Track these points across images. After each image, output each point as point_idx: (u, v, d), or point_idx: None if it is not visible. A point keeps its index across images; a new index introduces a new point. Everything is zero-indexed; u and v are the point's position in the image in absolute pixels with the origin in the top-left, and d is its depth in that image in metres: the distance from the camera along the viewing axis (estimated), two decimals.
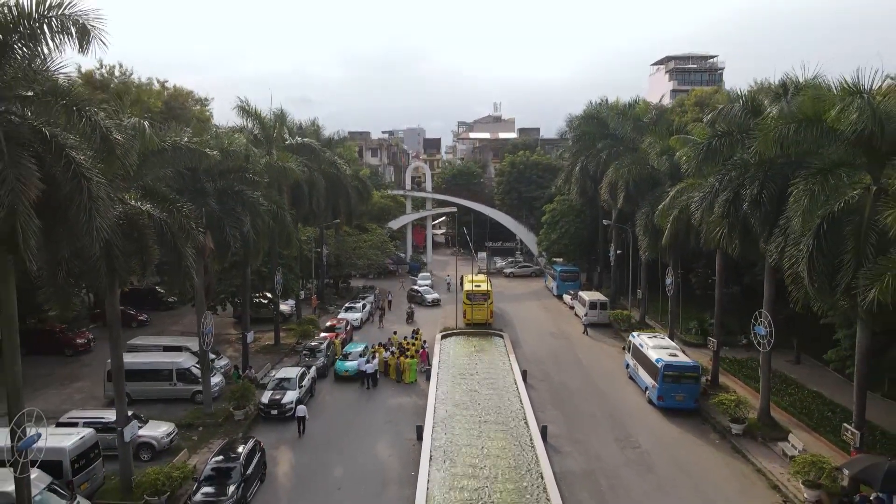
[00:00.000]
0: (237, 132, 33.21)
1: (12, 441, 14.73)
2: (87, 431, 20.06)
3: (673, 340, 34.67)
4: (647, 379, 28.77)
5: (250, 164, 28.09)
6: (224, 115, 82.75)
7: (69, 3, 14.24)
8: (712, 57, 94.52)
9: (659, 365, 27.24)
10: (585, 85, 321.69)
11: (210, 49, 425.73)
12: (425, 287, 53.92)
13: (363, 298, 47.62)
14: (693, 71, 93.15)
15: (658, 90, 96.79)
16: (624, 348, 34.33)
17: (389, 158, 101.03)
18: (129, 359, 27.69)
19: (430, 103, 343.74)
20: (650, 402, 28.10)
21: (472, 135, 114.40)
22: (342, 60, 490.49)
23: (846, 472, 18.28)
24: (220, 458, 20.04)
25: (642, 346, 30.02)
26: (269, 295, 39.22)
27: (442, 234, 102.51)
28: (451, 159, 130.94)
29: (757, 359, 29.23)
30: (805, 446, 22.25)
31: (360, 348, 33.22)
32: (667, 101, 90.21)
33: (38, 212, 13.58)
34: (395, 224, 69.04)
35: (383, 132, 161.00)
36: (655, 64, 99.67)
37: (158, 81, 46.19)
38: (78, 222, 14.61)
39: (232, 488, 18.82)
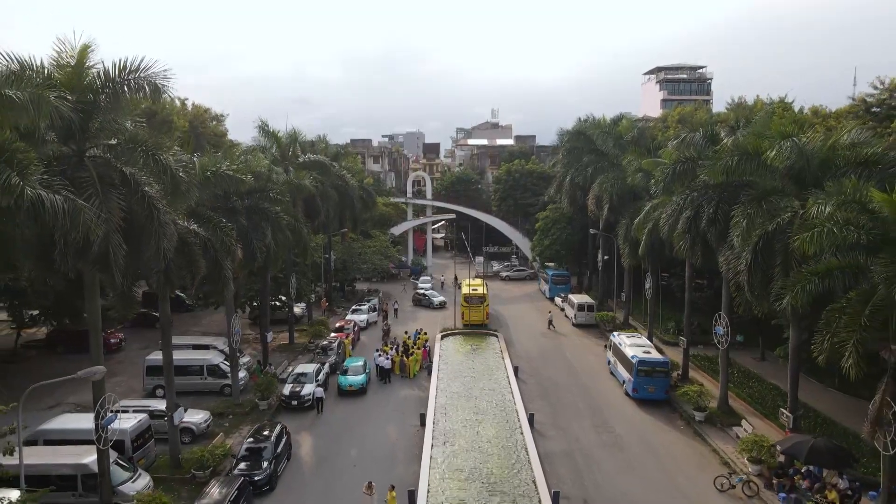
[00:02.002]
0: (256, 151, 36.75)
1: (96, 420, 18.36)
2: (143, 416, 23.66)
3: (652, 339, 38.36)
4: (624, 373, 32.38)
5: (271, 182, 31.66)
6: (226, 117, 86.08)
7: (144, 68, 17.87)
8: (701, 67, 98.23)
9: (634, 361, 30.84)
10: (585, 86, 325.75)
11: (209, 49, 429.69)
12: (431, 290, 57.36)
13: (368, 301, 51.19)
14: (683, 81, 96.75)
15: (649, 99, 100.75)
16: (606, 346, 37.94)
17: (390, 165, 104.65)
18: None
19: (428, 104, 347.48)
20: (626, 393, 31.69)
21: (471, 141, 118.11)
22: (342, 61, 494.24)
23: (779, 448, 21.90)
24: (253, 439, 23.65)
25: (621, 345, 33.61)
26: (283, 298, 42.76)
27: (441, 237, 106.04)
28: (450, 164, 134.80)
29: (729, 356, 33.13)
30: (756, 430, 25.82)
31: (360, 363, 33.75)
32: (657, 110, 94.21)
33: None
34: (397, 230, 72.60)
35: (383, 136, 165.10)
36: (647, 73, 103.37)
37: (179, 99, 49.75)
38: (149, 244, 18.26)
39: (265, 464, 22.41)
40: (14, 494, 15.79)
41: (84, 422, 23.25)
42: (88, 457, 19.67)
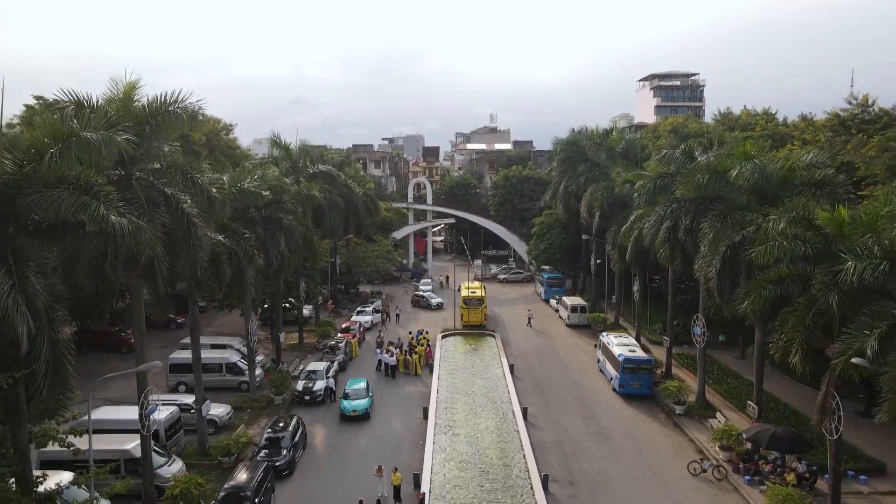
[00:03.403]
0: (269, 164, 39.29)
1: (140, 410, 20.88)
2: (174, 409, 26.20)
3: (640, 339, 40.97)
4: (611, 371, 34.93)
5: (285, 194, 34.21)
6: (223, 115, 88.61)
7: (182, 99, 20.44)
8: (694, 75, 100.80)
9: (620, 359, 33.40)
10: (585, 86, 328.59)
11: (208, 50, 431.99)
12: (429, 292, 59.99)
13: (372, 303, 53.75)
14: (676, 88, 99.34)
15: (644, 105, 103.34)
16: (596, 346, 40.50)
17: (391, 169, 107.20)
18: (186, 355, 33.98)
19: (427, 104, 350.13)
20: (614, 389, 34.25)
21: (470, 146, 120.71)
22: (341, 61, 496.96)
23: (744, 436, 24.48)
24: (272, 430, 26.18)
25: (609, 344, 36.16)
26: (292, 300, 45.27)
27: (441, 241, 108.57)
28: (450, 166, 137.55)
29: (709, 354, 35.78)
30: (729, 421, 28.39)
31: (362, 385, 31.88)
32: (652, 116, 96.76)
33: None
34: (398, 234, 75.16)
35: (383, 138, 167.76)
36: (641, 80, 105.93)
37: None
38: (186, 255, 20.81)
39: (284, 451, 24.96)
40: (67, 476, 18.26)
41: (119, 414, 25.92)
42: (130, 443, 22.24)
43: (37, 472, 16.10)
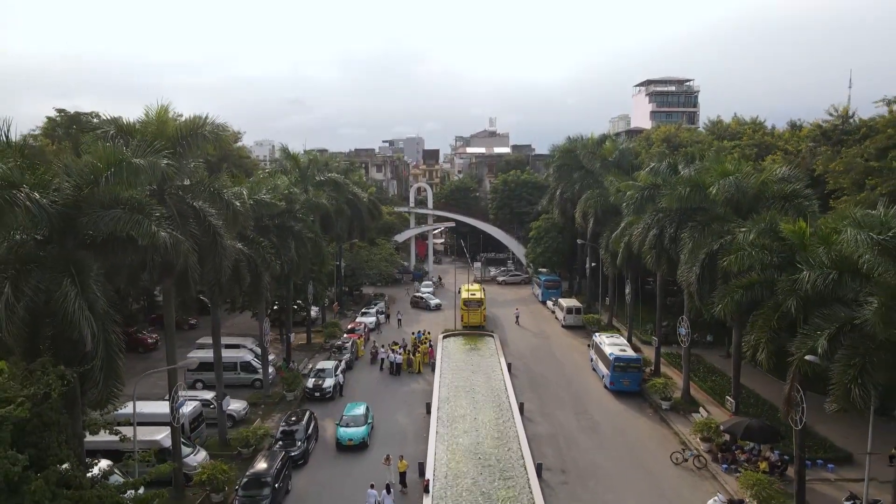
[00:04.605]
0: (279, 174, 41.46)
1: (171, 403, 23.03)
2: (196, 403, 28.34)
3: (631, 339, 43.12)
4: (603, 369, 37.09)
5: (296, 203, 36.37)
6: (223, 116, 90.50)
7: (210, 122, 22.65)
8: (688, 81, 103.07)
9: (611, 358, 35.57)
10: (584, 86, 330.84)
11: (207, 50, 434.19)
12: (428, 294, 62.18)
13: (375, 305, 55.93)
14: (671, 94, 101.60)
15: (640, 110, 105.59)
16: (589, 346, 42.65)
17: (392, 172, 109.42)
18: (202, 354, 36.18)
19: (426, 105, 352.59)
20: (605, 386, 36.40)
21: (469, 149, 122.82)
22: (340, 61, 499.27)
23: (722, 428, 26.65)
24: (287, 423, 28.34)
25: (601, 344, 38.32)
26: (300, 302, 47.40)
27: (441, 243, 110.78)
28: (449, 169, 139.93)
29: (697, 353, 38.28)
30: (711, 415, 30.57)
31: (360, 410, 30.03)
32: (647, 121, 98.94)
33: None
34: (400, 237, 77.36)
35: (384, 141, 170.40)
36: (637, 85, 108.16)
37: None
38: (212, 263, 22.94)
39: (299, 442, 27.12)
40: (104, 463, 20.37)
41: (146, 408, 27.92)
42: (160, 434, 24.36)
43: None
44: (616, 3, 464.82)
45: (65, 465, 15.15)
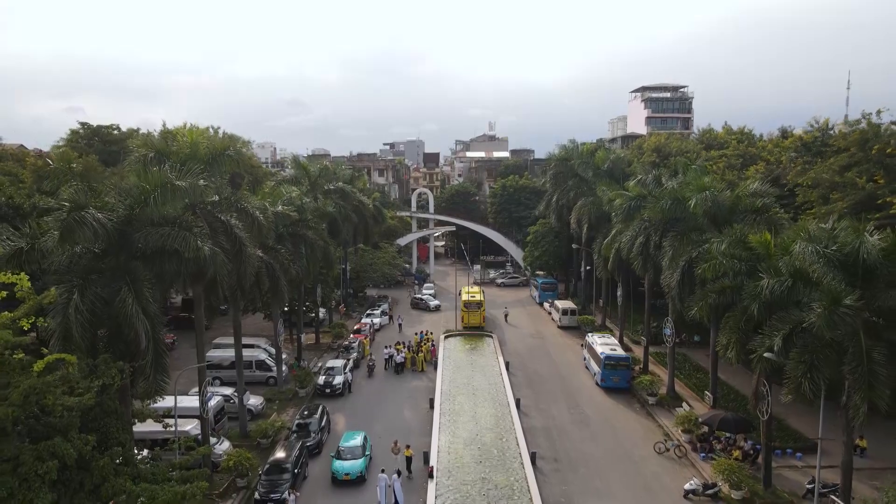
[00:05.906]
0: (289, 184, 43.94)
1: (200, 397, 25.54)
2: (219, 398, 30.84)
3: (623, 339, 45.64)
4: (595, 367, 39.61)
5: (308, 212, 38.87)
6: (223, 115, 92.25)
7: (233, 145, 25.21)
8: (683, 87, 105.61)
9: (602, 356, 38.08)
10: (583, 87, 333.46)
11: (206, 50, 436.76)
12: (428, 295, 64.70)
13: (380, 306, 58.45)
14: (666, 100, 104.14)
15: (635, 116, 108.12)
16: (582, 346, 45.16)
17: (394, 177, 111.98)
18: (219, 353, 38.72)
19: (425, 105, 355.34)
20: (596, 383, 38.91)
21: (469, 154, 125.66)
22: (339, 62, 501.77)
23: (700, 420, 29.18)
24: (301, 417, 30.85)
25: (593, 344, 40.84)
26: (308, 304, 49.91)
27: (442, 246, 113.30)
28: (449, 172, 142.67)
29: (684, 352, 40.90)
30: (693, 409, 33.02)
31: (358, 441, 28.11)
32: (643, 126, 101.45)
33: None
34: (402, 241, 79.83)
35: (384, 143, 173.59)
36: (633, 92, 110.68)
37: (213, 129, 56.87)
38: (238, 271, 25.46)
39: (313, 434, 29.63)
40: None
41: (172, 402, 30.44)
42: (189, 426, 26.82)
43: None
44: (614, 5, 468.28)
45: (123, 447, 17.69)
